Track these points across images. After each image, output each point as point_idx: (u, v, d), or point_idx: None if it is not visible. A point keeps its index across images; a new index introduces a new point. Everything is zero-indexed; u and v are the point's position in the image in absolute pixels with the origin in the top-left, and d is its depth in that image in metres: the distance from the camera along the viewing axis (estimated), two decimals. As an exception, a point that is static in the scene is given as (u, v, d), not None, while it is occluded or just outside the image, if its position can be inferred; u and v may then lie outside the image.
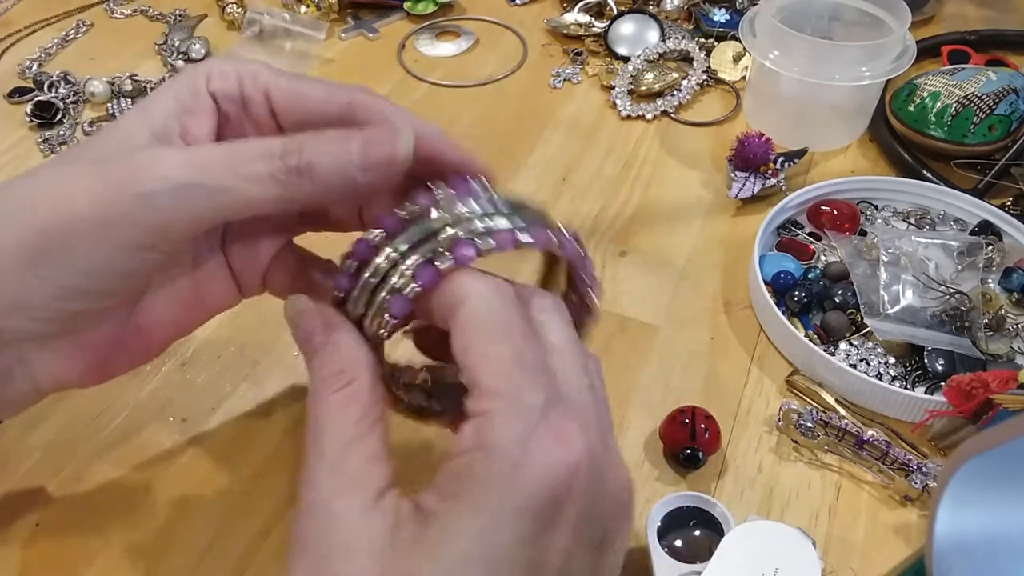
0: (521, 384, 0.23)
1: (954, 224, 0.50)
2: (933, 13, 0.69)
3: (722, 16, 0.66)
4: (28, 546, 0.35)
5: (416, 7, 0.69)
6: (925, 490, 0.37)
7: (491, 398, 0.23)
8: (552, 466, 0.22)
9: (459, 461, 0.22)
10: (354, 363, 0.25)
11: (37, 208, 0.26)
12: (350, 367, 0.25)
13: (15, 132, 0.58)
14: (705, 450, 0.38)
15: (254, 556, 0.35)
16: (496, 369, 0.23)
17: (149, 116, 0.28)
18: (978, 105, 0.53)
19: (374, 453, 0.24)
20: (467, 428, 0.23)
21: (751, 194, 0.52)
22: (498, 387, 0.23)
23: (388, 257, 0.25)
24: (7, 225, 0.26)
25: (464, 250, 0.24)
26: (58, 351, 0.29)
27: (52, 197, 0.26)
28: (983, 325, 0.43)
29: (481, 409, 0.23)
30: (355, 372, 0.25)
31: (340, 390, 0.25)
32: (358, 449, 0.24)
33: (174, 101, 0.29)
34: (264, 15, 0.65)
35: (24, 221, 0.26)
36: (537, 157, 0.57)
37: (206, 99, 0.29)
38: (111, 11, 0.70)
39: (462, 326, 0.24)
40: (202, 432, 0.40)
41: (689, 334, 0.45)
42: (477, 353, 0.23)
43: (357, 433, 0.24)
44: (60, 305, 0.27)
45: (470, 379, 0.23)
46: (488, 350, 0.23)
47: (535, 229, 0.26)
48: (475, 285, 0.24)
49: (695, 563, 0.33)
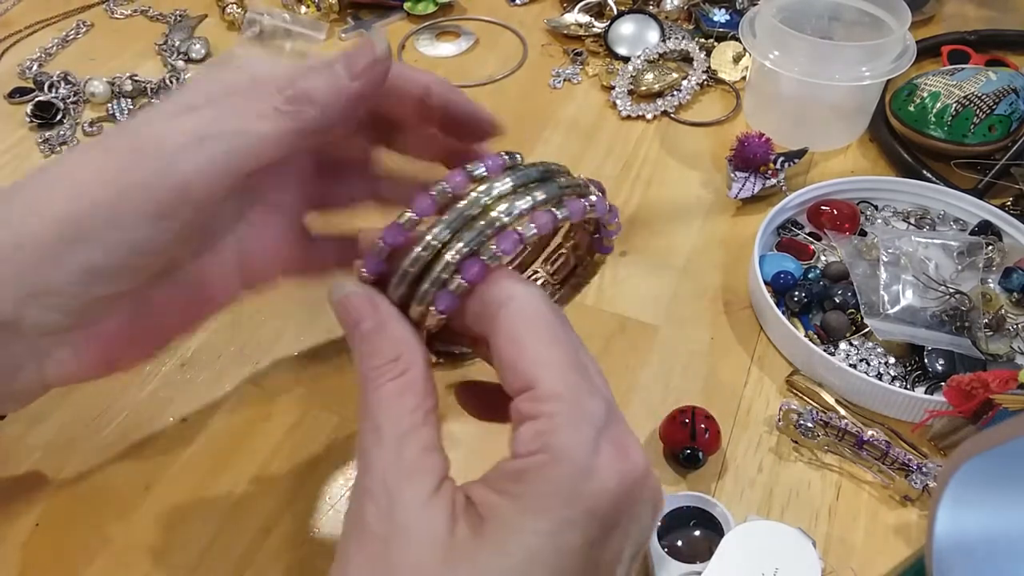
0: (581, 389, 0.23)
1: (954, 224, 0.50)
2: (933, 13, 0.69)
3: (722, 16, 0.66)
4: (28, 546, 0.35)
5: (416, 7, 0.69)
6: (925, 490, 0.37)
7: (553, 401, 0.23)
8: (620, 475, 0.23)
9: (522, 462, 0.23)
10: (409, 350, 0.25)
11: (54, 197, 0.27)
12: (405, 355, 0.25)
13: (15, 132, 0.58)
14: (705, 450, 0.38)
15: (254, 556, 0.35)
16: (555, 372, 0.23)
17: None
18: (978, 105, 0.53)
19: (430, 443, 0.24)
20: (527, 429, 0.23)
21: (751, 194, 0.52)
22: (559, 391, 0.23)
23: (428, 246, 0.25)
24: (29, 214, 0.27)
25: (507, 243, 0.24)
26: (70, 344, 0.29)
27: (71, 182, 0.27)
28: (983, 325, 0.43)
29: (541, 411, 0.23)
30: (409, 360, 0.25)
31: (396, 379, 0.24)
32: (415, 439, 0.24)
33: None
34: (264, 15, 0.65)
35: (44, 210, 0.26)
36: (537, 157, 0.56)
37: None
38: (111, 11, 0.70)
39: (511, 325, 0.24)
40: (202, 432, 0.40)
41: (689, 334, 0.45)
42: (532, 354, 0.24)
43: (413, 423, 0.24)
44: (80, 291, 0.27)
45: (524, 379, 0.23)
46: (544, 352, 0.24)
47: (571, 202, 0.26)
48: (518, 286, 0.25)
49: (695, 563, 0.33)
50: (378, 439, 0.24)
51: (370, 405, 0.24)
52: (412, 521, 0.22)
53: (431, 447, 0.24)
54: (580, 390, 0.23)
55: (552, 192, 0.25)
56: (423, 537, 0.22)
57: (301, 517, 0.37)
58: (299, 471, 0.38)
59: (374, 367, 0.25)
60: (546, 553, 0.22)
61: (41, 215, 0.27)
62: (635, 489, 0.23)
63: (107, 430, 0.39)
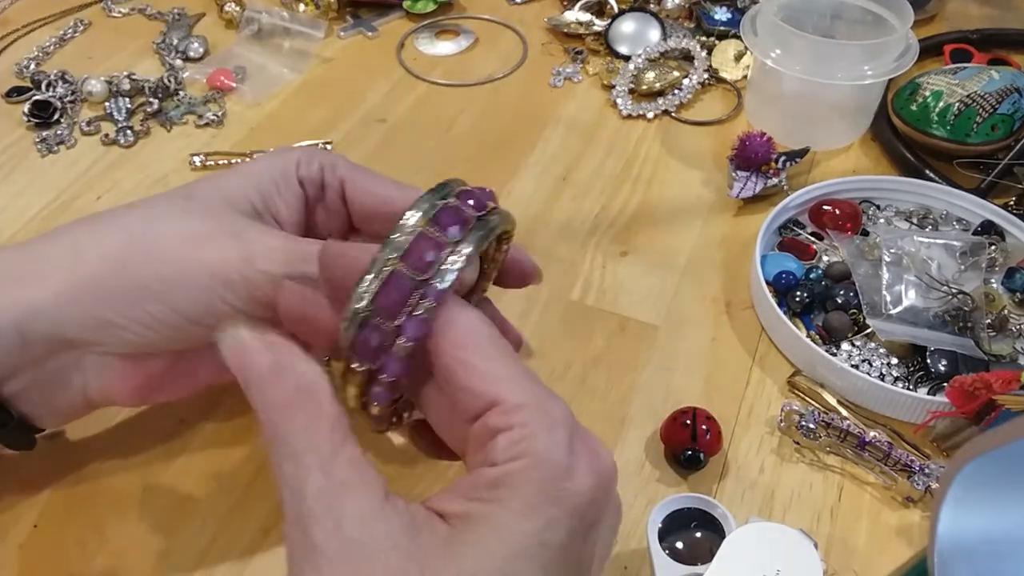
0: (544, 398, 0.24)
1: (957, 224, 0.50)
2: (935, 12, 0.69)
3: (723, 14, 0.66)
4: (26, 547, 0.35)
5: (415, 6, 0.69)
6: (927, 491, 0.37)
7: (522, 411, 0.24)
8: (596, 473, 0.24)
9: (501, 468, 0.23)
10: (313, 378, 0.25)
11: (164, 246, 0.30)
12: (308, 383, 0.25)
13: (13, 131, 0.58)
14: (706, 451, 0.38)
15: (254, 556, 0.35)
16: (515, 385, 0.24)
17: (249, 187, 0.32)
18: (981, 104, 0.53)
19: (357, 459, 0.24)
20: (502, 440, 0.23)
21: (752, 194, 0.52)
22: (525, 400, 0.24)
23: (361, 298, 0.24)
24: (137, 253, 0.29)
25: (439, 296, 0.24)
26: (116, 369, 0.32)
27: (182, 242, 0.30)
28: (986, 325, 0.43)
29: (513, 422, 0.23)
30: (315, 388, 0.25)
31: (305, 407, 0.24)
32: (341, 458, 0.24)
33: (271, 183, 0.33)
34: (263, 13, 0.65)
35: (150, 255, 0.29)
36: (537, 156, 0.56)
37: (295, 185, 0.34)
38: (109, 10, 0.70)
39: (458, 350, 0.24)
40: (202, 432, 0.39)
41: (690, 334, 0.45)
42: (489, 372, 0.24)
43: (333, 445, 0.24)
44: (144, 332, 0.30)
45: (486, 398, 0.24)
46: (499, 368, 0.24)
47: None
48: (460, 310, 0.25)
49: (696, 565, 0.33)
50: (302, 466, 0.23)
51: (285, 439, 0.24)
52: (365, 534, 0.22)
53: (362, 462, 0.24)
54: (543, 397, 0.24)
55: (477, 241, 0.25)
56: (381, 547, 0.22)
57: (300, 518, 0.37)
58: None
59: (277, 403, 0.25)
60: (532, 551, 0.22)
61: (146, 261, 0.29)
62: (609, 486, 0.24)
63: (106, 430, 0.39)
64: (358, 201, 0.34)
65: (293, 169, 0.34)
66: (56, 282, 0.29)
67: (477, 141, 0.58)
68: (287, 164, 0.34)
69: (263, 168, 0.33)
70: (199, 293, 0.29)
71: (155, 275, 0.29)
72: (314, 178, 0.34)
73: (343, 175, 0.34)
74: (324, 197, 0.34)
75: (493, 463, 0.23)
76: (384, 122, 0.59)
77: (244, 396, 0.43)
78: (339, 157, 0.35)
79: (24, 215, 0.51)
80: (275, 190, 0.33)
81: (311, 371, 0.25)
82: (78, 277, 0.29)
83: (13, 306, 0.29)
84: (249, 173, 0.33)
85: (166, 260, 0.29)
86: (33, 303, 0.29)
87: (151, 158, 0.56)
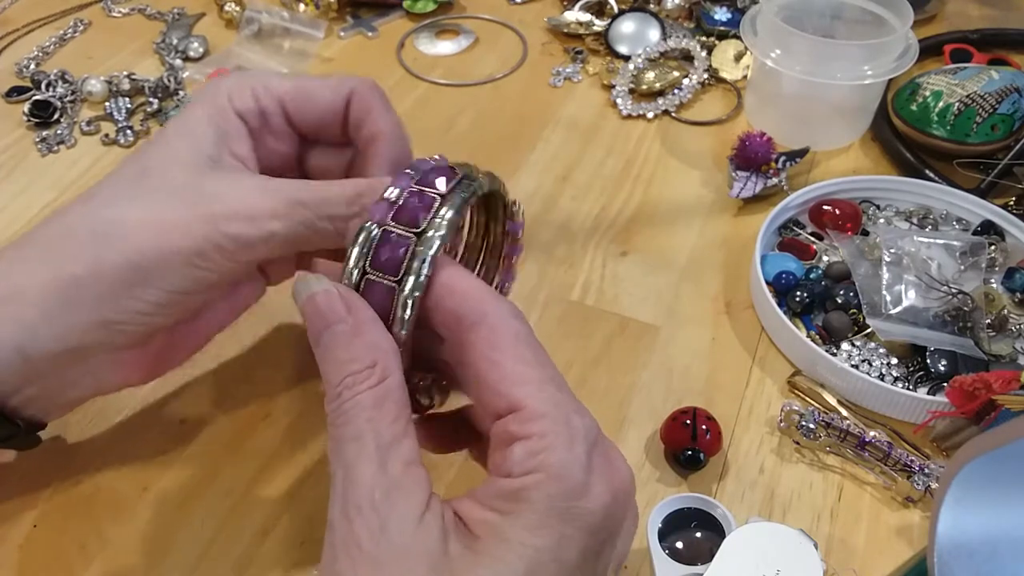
0: (567, 407, 0.24)
1: (956, 224, 0.50)
2: (935, 12, 0.69)
3: (723, 14, 0.66)
4: (26, 547, 0.35)
5: (415, 5, 0.69)
6: (927, 491, 0.37)
7: (542, 420, 0.23)
8: (612, 490, 0.23)
9: (518, 481, 0.23)
10: (386, 356, 0.24)
11: (129, 235, 0.29)
12: (382, 360, 0.24)
13: (13, 131, 0.58)
14: (706, 451, 0.38)
15: (254, 556, 0.35)
16: (539, 391, 0.23)
17: (196, 140, 0.31)
18: (980, 104, 0.53)
19: (413, 456, 0.24)
20: (519, 449, 0.23)
21: (752, 194, 0.52)
22: (546, 410, 0.23)
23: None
24: (107, 248, 0.29)
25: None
26: (125, 360, 0.32)
27: (145, 226, 0.29)
28: (986, 325, 0.43)
29: (531, 431, 0.23)
30: (388, 367, 0.24)
31: (375, 387, 0.24)
32: (398, 451, 0.23)
33: (210, 126, 0.31)
34: (263, 13, 0.65)
35: (119, 246, 0.29)
36: (537, 156, 0.56)
37: (236, 120, 0.32)
38: (109, 10, 0.70)
39: (487, 345, 0.24)
40: (202, 432, 0.39)
41: (690, 334, 0.45)
42: (514, 374, 0.24)
43: (394, 434, 0.23)
44: (144, 319, 0.30)
45: (508, 401, 0.23)
46: (526, 372, 0.24)
47: None
48: (490, 302, 0.25)
49: (696, 565, 0.33)
50: (361, 450, 0.23)
51: (347, 414, 0.23)
52: (407, 541, 0.22)
53: (414, 460, 0.23)
54: (566, 407, 0.24)
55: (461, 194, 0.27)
56: (419, 556, 0.22)
57: (301, 517, 0.36)
58: (299, 471, 0.38)
59: (350, 373, 0.24)
60: (545, 567, 0.22)
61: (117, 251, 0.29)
62: (625, 500, 0.24)
63: (106, 430, 0.39)
64: (299, 113, 0.33)
65: (228, 105, 0.32)
66: (38, 295, 0.28)
67: (477, 141, 0.58)
68: (219, 102, 0.32)
69: (199, 116, 0.31)
70: (180, 270, 0.29)
71: (130, 265, 0.29)
72: (251, 108, 0.32)
73: (278, 93, 0.32)
74: (268, 123, 0.33)
75: (509, 473, 0.23)
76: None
77: (244, 396, 0.43)
78: (271, 76, 0.33)
79: (24, 215, 0.51)
80: (219, 134, 0.31)
81: (387, 345, 0.24)
82: (60, 285, 0.28)
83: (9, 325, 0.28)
84: (187, 126, 0.31)
85: (136, 249, 0.29)
86: (22, 320, 0.28)
87: (151, 158, 0.56)
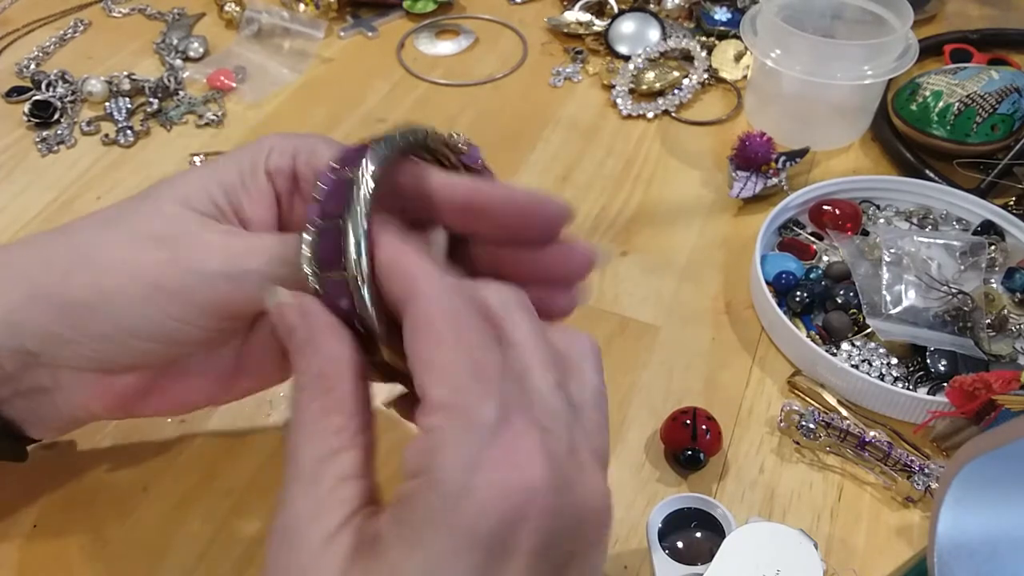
0: (472, 396, 0.20)
1: (956, 224, 0.50)
2: (935, 12, 0.69)
3: (723, 14, 0.66)
4: (25, 547, 0.35)
5: (415, 5, 0.69)
6: (927, 491, 0.37)
7: (439, 412, 0.20)
8: (503, 492, 0.20)
9: (407, 485, 0.20)
10: (336, 364, 0.23)
11: (103, 264, 0.28)
12: (331, 369, 0.23)
13: (13, 131, 0.58)
14: (706, 451, 0.38)
15: (254, 556, 0.35)
16: (446, 379, 0.21)
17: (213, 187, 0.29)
18: (980, 104, 0.53)
19: (351, 470, 0.22)
20: (414, 446, 0.21)
21: (752, 194, 0.52)
22: (446, 399, 0.21)
23: None
24: (79, 272, 0.28)
25: None
26: (89, 385, 0.30)
27: (119, 258, 0.28)
28: (986, 325, 0.43)
29: (429, 425, 0.20)
30: (336, 375, 0.23)
31: (319, 397, 0.23)
32: (334, 466, 0.22)
33: (237, 178, 0.29)
34: (263, 13, 0.65)
35: (89, 275, 0.28)
36: (537, 156, 0.56)
37: (262, 179, 0.30)
38: (109, 10, 0.70)
39: (411, 327, 0.22)
40: (201, 432, 0.39)
41: (690, 334, 0.45)
42: (425, 359, 0.21)
43: (334, 447, 0.22)
44: (99, 348, 0.28)
45: (419, 388, 0.21)
46: (436, 356, 0.21)
47: None
48: (423, 283, 0.22)
49: (696, 565, 0.33)
50: (295, 470, 0.22)
51: (293, 428, 0.22)
52: (309, 564, 0.20)
53: (352, 474, 0.22)
54: (472, 397, 0.20)
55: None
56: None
57: (300, 518, 0.36)
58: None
59: (301, 385, 0.23)
60: None
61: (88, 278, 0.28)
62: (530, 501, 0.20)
63: (106, 430, 0.39)
64: None
65: (262, 160, 0.29)
66: (10, 294, 0.28)
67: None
68: (256, 155, 0.29)
69: (231, 162, 0.30)
70: (140, 306, 0.27)
71: (95, 287, 0.27)
72: (284, 169, 0.29)
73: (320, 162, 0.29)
74: (300, 188, 0.30)
75: (406, 473, 0.21)
76: (384, 122, 0.59)
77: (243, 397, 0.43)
78: (321, 141, 0.30)
79: (24, 215, 0.51)
80: (240, 185, 0.29)
81: (338, 353, 0.23)
82: (34, 290, 0.28)
83: None
84: (215, 168, 0.30)
85: (106, 271, 0.27)
86: None
87: (151, 158, 0.56)
